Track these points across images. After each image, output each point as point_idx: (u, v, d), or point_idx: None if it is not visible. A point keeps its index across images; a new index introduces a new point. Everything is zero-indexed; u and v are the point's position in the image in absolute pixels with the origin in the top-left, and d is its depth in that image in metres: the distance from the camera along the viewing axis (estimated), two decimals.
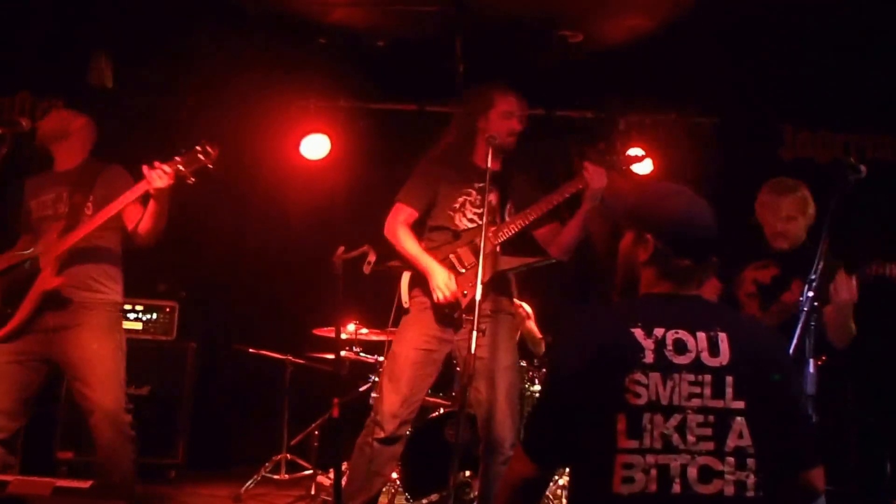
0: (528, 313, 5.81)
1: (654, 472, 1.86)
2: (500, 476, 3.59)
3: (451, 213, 3.82)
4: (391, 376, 3.75)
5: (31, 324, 3.73)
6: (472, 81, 5.88)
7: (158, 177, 3.58)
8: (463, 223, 3.81)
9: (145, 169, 3.62)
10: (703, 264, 2.08)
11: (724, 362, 1.92)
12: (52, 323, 3.75)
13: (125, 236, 3.95)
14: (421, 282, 3.79)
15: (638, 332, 1.94)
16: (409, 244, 3.81)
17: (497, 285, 3.80)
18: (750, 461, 1.88)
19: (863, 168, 3.06)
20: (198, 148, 3.65)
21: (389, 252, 3.88)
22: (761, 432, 1.90)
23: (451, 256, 3.80)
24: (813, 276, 3.01)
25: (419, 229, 3.95)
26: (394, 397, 3.69)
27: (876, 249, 3.68)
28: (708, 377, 1.91)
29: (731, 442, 1.88)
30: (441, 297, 3.67)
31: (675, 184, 2.19)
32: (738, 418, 1.89)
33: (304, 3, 5.16)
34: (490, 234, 3.70)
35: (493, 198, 3.80)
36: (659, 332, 1.94)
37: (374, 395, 4.66)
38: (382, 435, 3.67)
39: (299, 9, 5.22)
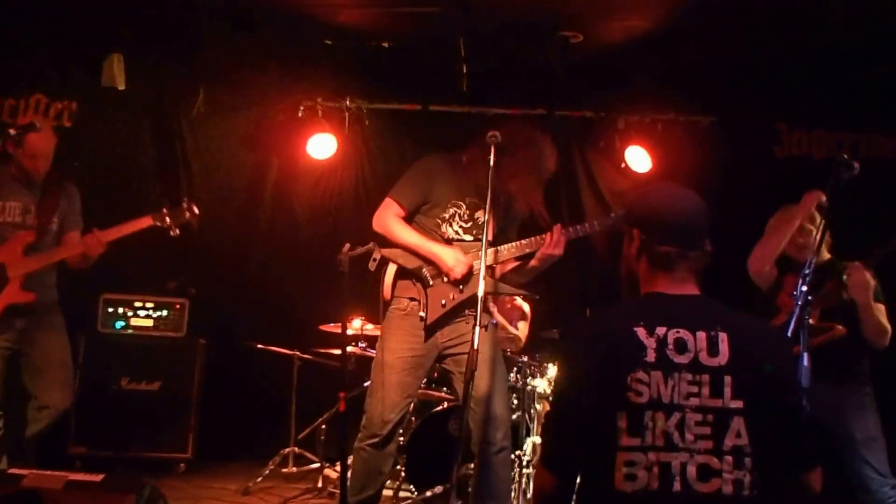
0: (524, 314, 5.87)
1: (655, 469, 1.88)
2: (497, 464, 3.69)
3: (440, 221, 3.80)
4: (380, 384, 3.70)
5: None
6: (476, 81, 6.01)
7: (95, 247, 4.13)
8: (449, 233, 3.80)
9: (88, 237, 4.13)
10: (690, 252, 2.06)
11: (723, 362, 1.93)
12: (19, 325, 4.18)
13: None
14: (404, 282, 3.78)
15: (641, 331, 1.95)
16: (406, 233, 3.77)
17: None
18: (747, 460, 1.89)
19: (856, 165, 3.14)
20: (184, 206, 4.27)
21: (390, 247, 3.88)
22: (760, 432, 1.91)
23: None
24: (807, 271, 3.07)
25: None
26: (384, 405, 3.67)
27: (870, 244, 3.79)
28: (706, 377, 1.92)
29: (728, 441, 1.89)
30: (458, 274, 3.69)
31: (665, 182, 2.23)
32: (737, 417, 1.90)
33: (312, 4, 5.22)
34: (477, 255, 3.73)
35: (480, 214, 3.83)
36: (661, 330, 1.95)
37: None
38: (376, 440, 3.68)
39: (306, 11, 5.28)
